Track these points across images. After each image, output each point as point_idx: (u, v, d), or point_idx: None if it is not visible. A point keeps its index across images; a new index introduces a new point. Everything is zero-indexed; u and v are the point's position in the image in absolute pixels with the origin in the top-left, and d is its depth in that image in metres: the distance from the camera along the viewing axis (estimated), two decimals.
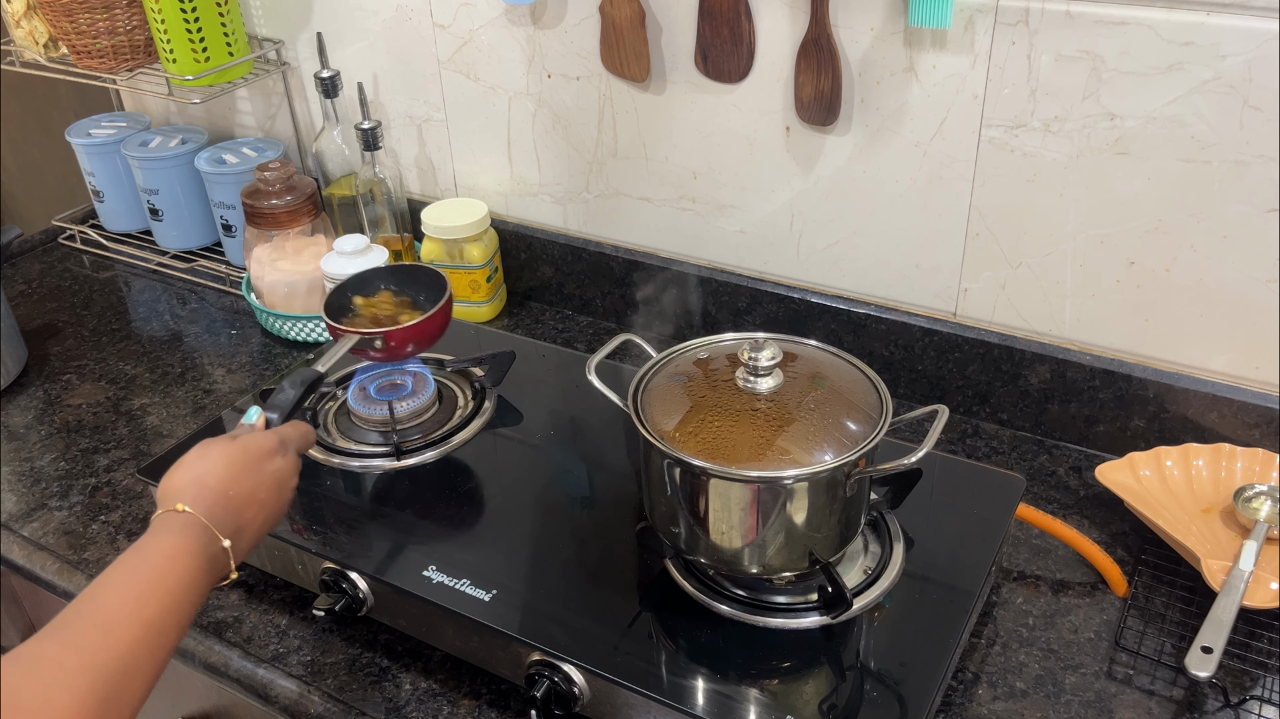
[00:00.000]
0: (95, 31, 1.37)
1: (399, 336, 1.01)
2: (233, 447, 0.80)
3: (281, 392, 0.90)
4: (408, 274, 1.11)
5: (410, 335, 1.02)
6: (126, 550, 0.72)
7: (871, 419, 0.81)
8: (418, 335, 1.03)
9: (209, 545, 0.74)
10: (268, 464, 0.81)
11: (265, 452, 0.82)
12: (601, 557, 0.92)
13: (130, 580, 0.70)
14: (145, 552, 0.72)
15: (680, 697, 0.77)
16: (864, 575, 0.87)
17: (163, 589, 0.70)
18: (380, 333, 1.00)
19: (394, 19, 1.35)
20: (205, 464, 0.79)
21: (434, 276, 1.09)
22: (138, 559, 0.72)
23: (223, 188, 1.47)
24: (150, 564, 0.71)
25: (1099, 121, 0.98)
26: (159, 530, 0.74)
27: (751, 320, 1.26)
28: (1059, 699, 0.85)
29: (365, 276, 1.10)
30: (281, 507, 0.83)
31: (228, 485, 0.78)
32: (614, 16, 1.16)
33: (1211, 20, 0.90)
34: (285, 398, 0.89)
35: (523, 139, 1.33)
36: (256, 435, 0.83)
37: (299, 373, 0.92)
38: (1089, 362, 1.07)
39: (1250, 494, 0.97)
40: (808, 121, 1.12)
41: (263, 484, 0.80)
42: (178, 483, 0.78)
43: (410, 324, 1.02)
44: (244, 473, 0.79)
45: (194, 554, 0.73)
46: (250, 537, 0.79)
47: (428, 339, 1.05)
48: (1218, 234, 0.98)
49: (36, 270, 1.59)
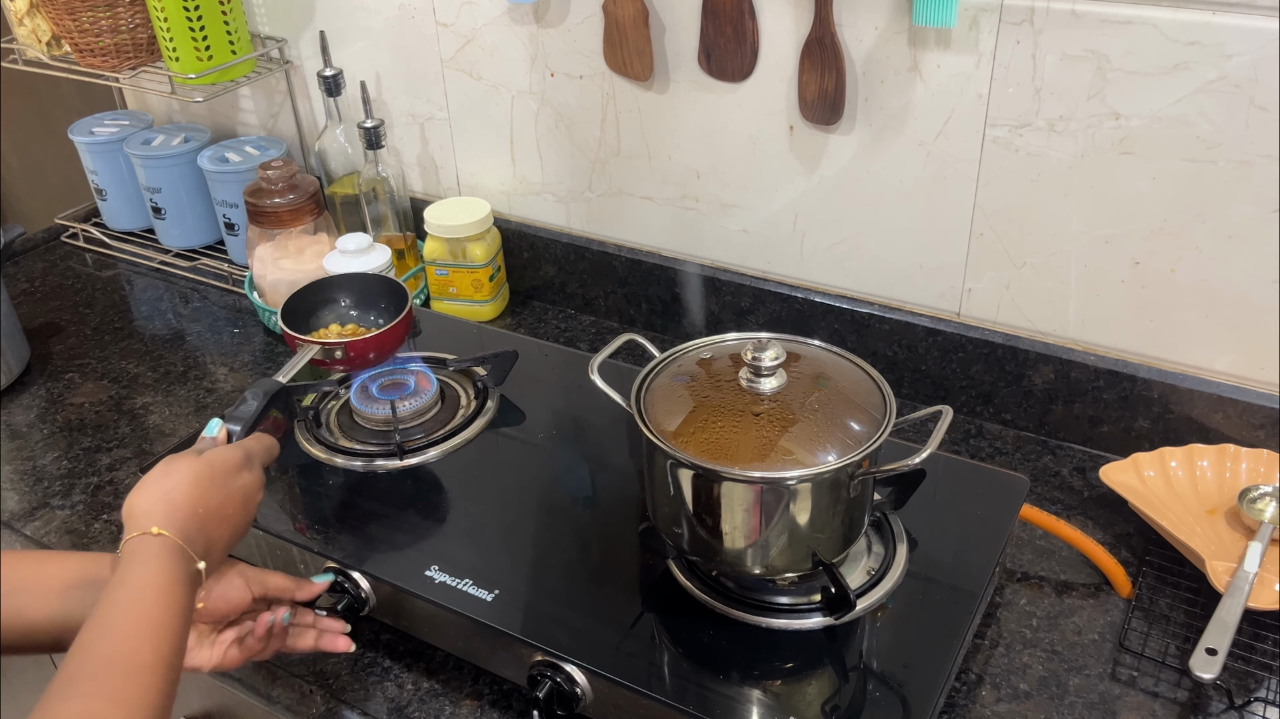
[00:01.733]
0: (98, 29, 1.37)
1: (359, 348, 1.01)
2: (198, 463, 0.79)
3: (243, 403, 0.88)
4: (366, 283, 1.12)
5: (371, 346, 1.02)
6: (114, 583, 0.70)
7: (875, 420, 0.81)
8: (378, 346, 1.03)
9: (188, 568, 0.73)
10: (234, 479, 0.80)
11: (231, 466, 0.80)
12: (604, 557, 0.92)
13: (140, 621, 0.68)
14: (140, 587, 0.70)
15: (683, 697, 0.77)
16: (867, 576, 0.87)
17: (170, 627, 0.69)
18: (341, 343, 1.01)
19: (397, 17, 1.34)
20: (171, 482, 0.77)
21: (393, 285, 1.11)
22: (135, 596, 0.70)
23: (225, 186, 1.47)
24: (152, 601, 0.69)
25: (1104, 121, 0.98)
26: (141, 560, 0.72)
27: (754, 320, 1.26)
28: (1063, 701, 0.85)
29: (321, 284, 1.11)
30: (247, 521, 0.82)
31: (196, 503, 0.76)
32: (617, 15, 1.16)
33: (1217, 19, 0.89)
34: (247, 410, 0.88)
35: (525, 138, 1.33)
36: (221, 450, 0.82)
37: (260, 384, 0.91)
38: (1093, 362, 1.07)
39: (1255, 495, 0.96)
40: (811, 121, 1.12)
41: (230, 500, 0.79)
42: (145, 503, 0.75)
43: (371, 335, 1.03)
44: (211, 489, 0.78)
45: (180, 582, 0.72)
46: (219, 554, 0.78)
47: (389, 348, 1.05)
48: (1223, 234, 0.97)
49: (39, 269, 1.59)
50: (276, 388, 0.91)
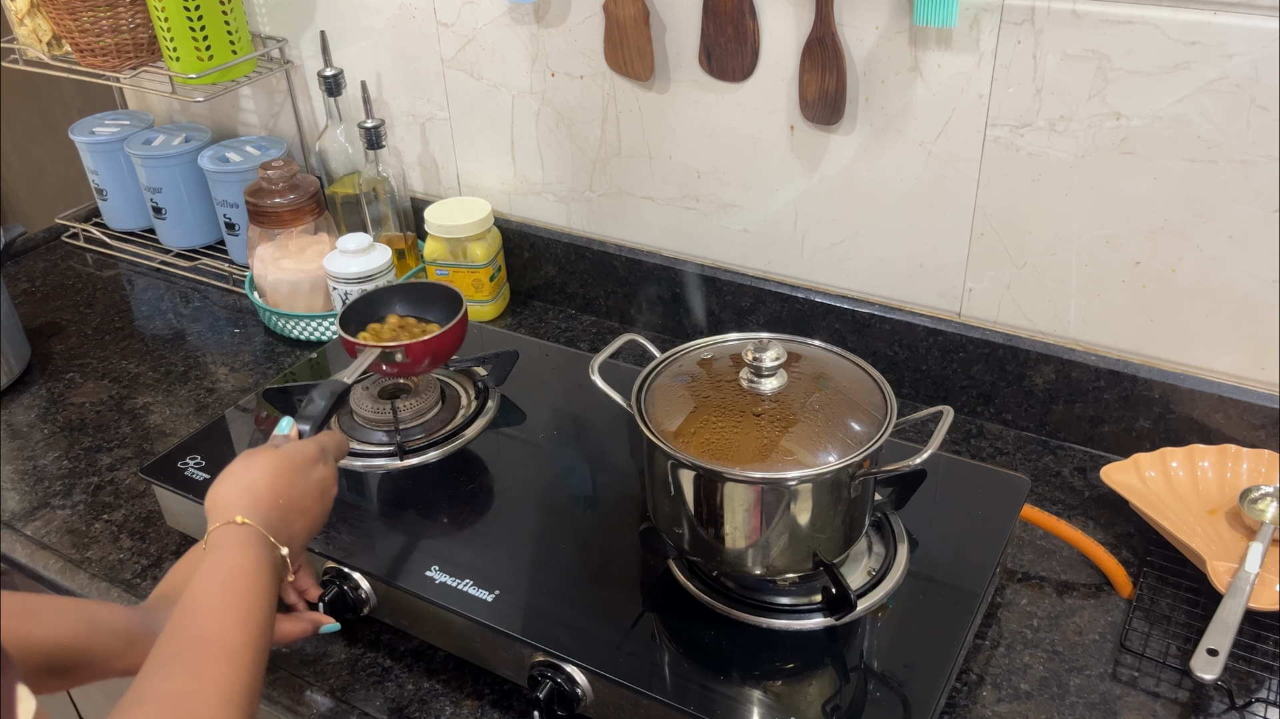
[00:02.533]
0: (99, 29, 1.37)
1: (417, 351, 1.03)
2: (277, 455, 0.81)
3: (311, 403, 0.91)
4: (419, 292, 1.13)
5: (428, 349, 1.03)
6: (203, 569, 0.72)
7: (876, 420, 0.81)
8: (435, 349, 1.04)
9: (272, 555, 0.75)
10: (312, 472, 0.82)
11: (308, 459, 0.82)
12: (604, 557, 0.92)
13: (229, 603, 0.70)
14: (227, 570, 0.72)
15: (683, 698, 0.77)
16: (868, 576, 0.87)
17: (258, 609, 0.71)
18: (400, 346, 1.02)
19: (397, 17, 1.34)
20: (253, 474, 0.79)
21: (446, 291, 1.11)
22: (223, 578, 0.71)
23: (226, 186, 1.47)
24: (242, 584, 0.71)
25: (1104, 121, 0.97)
26: (227, 546, 0.74)
27: (755, 320, 1.26)
28: (1063, 701, 0.85)
29: (376, 296, 1.12)
30: (325, 513, 0.83)
31: (278, 494, 0.78)
32: (618, 15, 1.16)
33: (1218, 19, 0.89)
34: (316, 409, 0.90)
35: (526, 138, 1.33)
36: (299, 444, 0.83)
37: (327, 384, 0.93)
38: (1094, 362, 1.07)
39: (1256, 495, 0.96)
40: (812, 121, 1.12)
41: (309, 492, 0.81)
42: (228, 494, 0.77)
43: (428, 338, 1.03)
44: (291, 481, 0.80)
45: (266, 568, 0.73)
46: (300, 544, 0.80)
47: (445, 352, 1.06)
48: (1223, 234, 0.97)
49: (40, 269, 1.59)
50: (343, 387, 0.94)
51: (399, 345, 1.02)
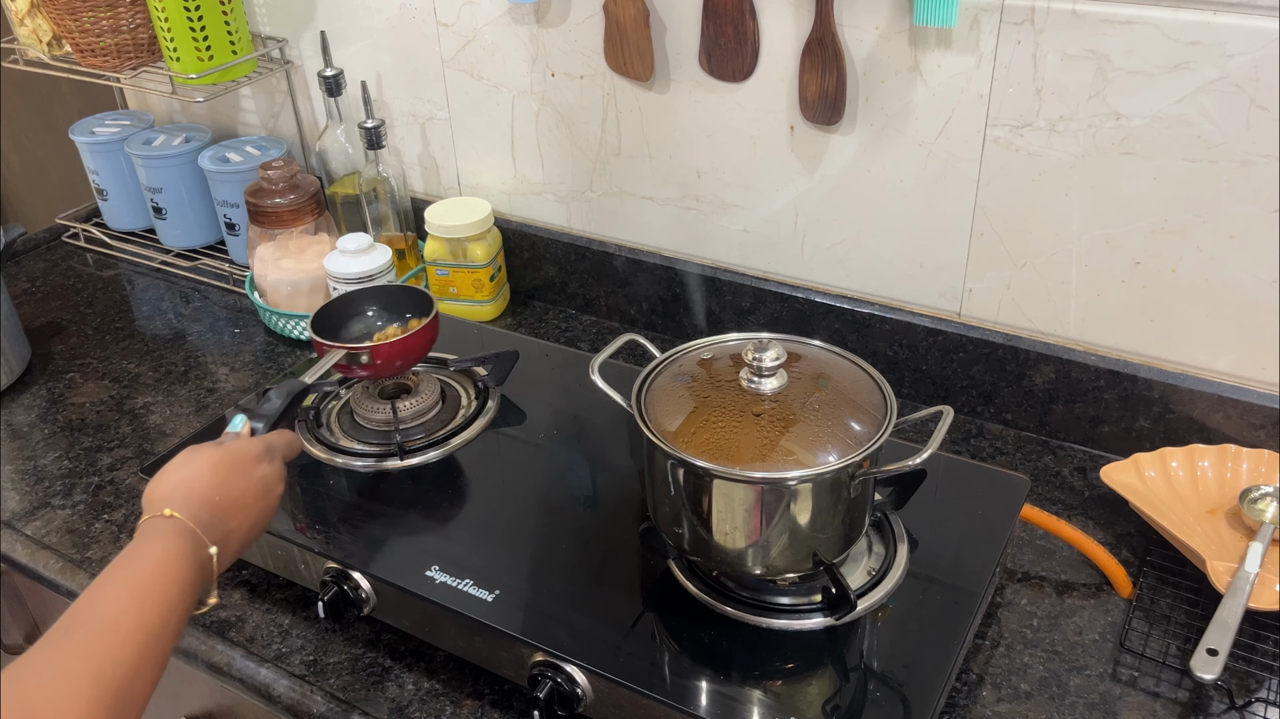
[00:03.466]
0: (99, 29, 1.37)
1: (384, 352, 1.02)
2: (219, 452, 0.80)
3: (267, 401, 0.90)
4: (393, 295, 1.13)
5: (395, 351, 1.03)
6: (118, 557, 0.72)
7: (876, 420, 0.81)
8: (404, 351, 1.04)
9: (197, 551, 0.74)
10: (254, 469, 0.81)
11: (251, 457, 0.81)
12: (604, 557, 0.92)
13: (128, 587, 0.70)
14: (139, 558, 0.72)
15: (683, 698, 0.77)
16: (868, 576, 0.87)
17: (161, 595, 0.70)
18: (366, 348, 1.02)
19: (397, 17, 1.34)
20: (191, 469, 0.78)
21: (418, 294, 1.11)
22: (132, 565, 0.71)
23: (226, 186, 1.47)
24: (147, 570, 0.71)
25: (1104, 121, 0.97)
26: (149, 535, 0.74)
27: (755, 320, 1.26)
28: (1063, 701, 0.85)
29: (351, 298, 1.12)
30: (268, 513, 0.82)
31: (214, 490, 0.77)
32: (618, 15, 1.16)
33: (1218, 19, 0.89)
34: (270, 407, 0.89)
35: (526, 138, 1.33)
36: (243, 441, 0.83)
37: (285, 384, 0.93)
38: (1094, 362, 1.07)
39: (1256, 495, 0.96)
40: (812, 121, 1.12)
41: (249, 490, 0.80)
42: (164, 488, 0.77)
43: (395, 339, 1.03)
44: (231, 478, 0.79)
45: (185, 559, 0.72)
46: (236, 543, 0.79)
47: (414, 355, 1.06)
48: (1223, 234, 0.97)
49: (40, 269, 1.59)
50: (300, 387, 0.93)
51: (365, 348, 1.02)
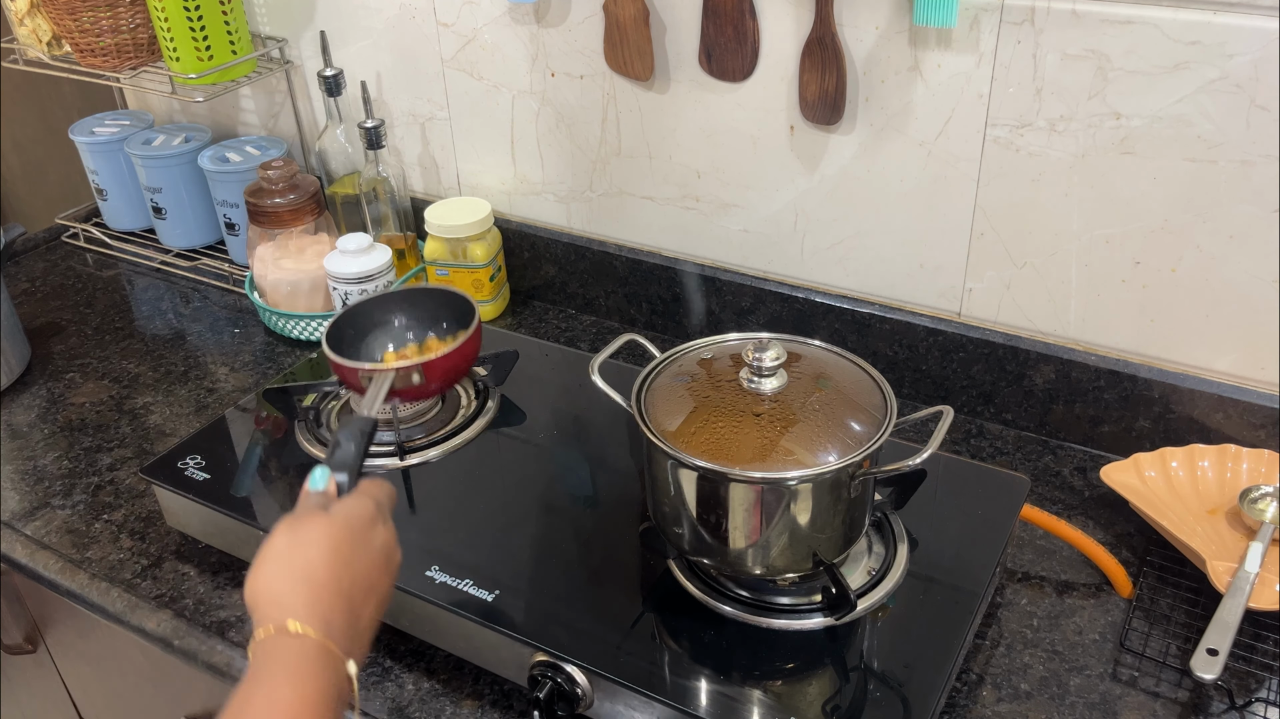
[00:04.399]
0: (98, 29, 1.37)
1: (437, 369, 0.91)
2: (333, 525, 0.65)
3: (339, 447, 0.76)
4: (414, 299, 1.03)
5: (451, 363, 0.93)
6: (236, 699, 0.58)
7: (876, 420, 0.81)
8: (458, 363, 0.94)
9: (336, 675, 0.60)
10: (373, 537, 0.67)
11: (365, 521, 0.68)
12: (604, 557, 0.92)
13: None
14: (282, 704, 0.57)
15: (683, 698, 0.77)
16: (868, 576, 0.87)
17: None
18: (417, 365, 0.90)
19: (397, 17, 1.34)
20: (307, 554, 0.63)
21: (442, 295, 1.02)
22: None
23: (226, 186, 1.47)
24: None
25: (1104, 121, 0.97)
26: (278, 673, 0.58)
27: (755, 320, 1.26)
28: (1063, 701, 0.85)
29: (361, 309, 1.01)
30: (392, 585, 0.70)
31: (339, 577, 0.63)
32: (618, 15, 1.16)
33: (1218, 19, 0.89)
34: (348, 453, 0.76)
35: (526, 138, 1.33)
36: (351, 504, 0.69)
37: (353, 423, 0.78)
38: (1094, 362, 1.07)
39: (1256, 495, 0.96)
40: (812, 120, 1.12)
41: (374, 565, 0.67)
42: (279, 586, 0.62)
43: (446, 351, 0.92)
44: (354, 557, 0.65)
45: (323, 697, 0.58)
46: (369, 638, 0.66)
47: (466, 365, 0.96)
48: (1223, 234, 0.97)
49: (40, 269, 1.59)
50: (371, 425, 0.80)
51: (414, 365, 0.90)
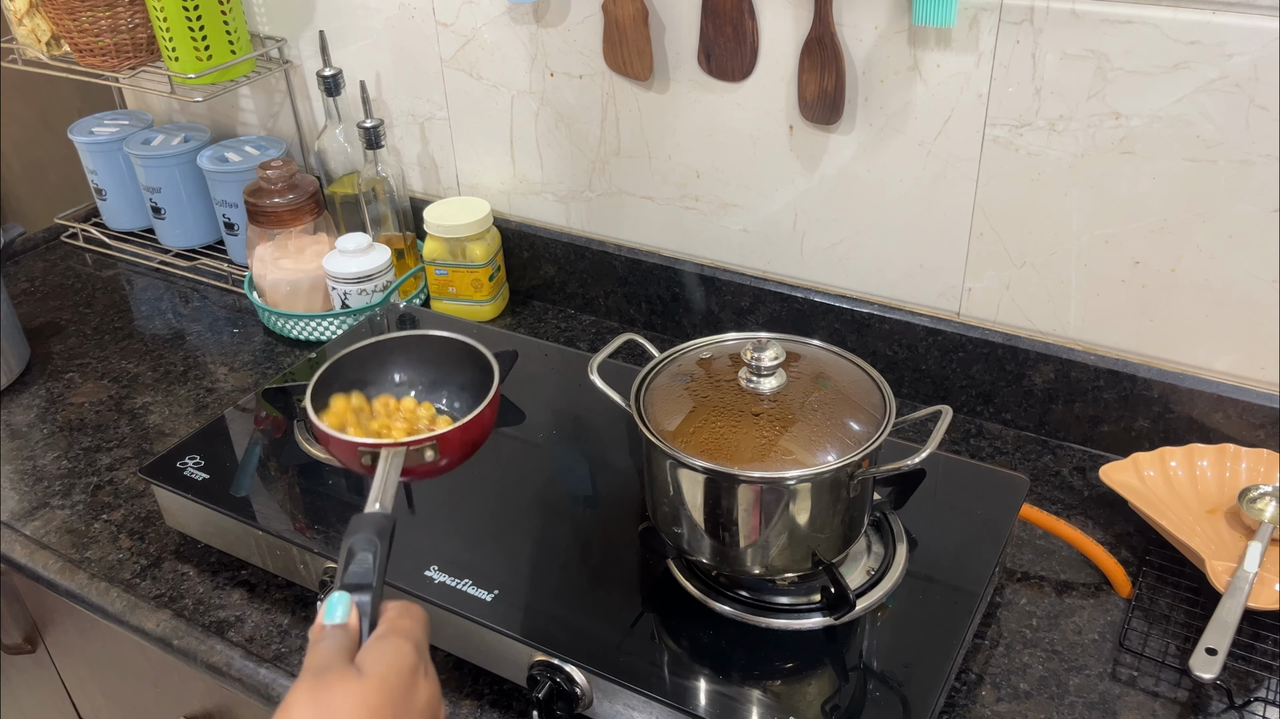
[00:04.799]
0: (97, 29, 1.37)
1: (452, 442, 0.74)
2: (366, 690, 0.54)
3: (354, 560, 0.62)
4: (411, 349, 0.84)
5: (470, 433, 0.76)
6: None
7: (875, 419, 0.81)
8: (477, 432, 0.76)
9: None
10: (416, 698, 0.57)
11: (407, 676, 0.57)
12: (604, 557, 0.92)
13: None
14: None
15: (683, 697, 0.77)
16: (867, 576, 0.87)
17: None
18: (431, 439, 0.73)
19: (397, 17, 1.34)
20: None
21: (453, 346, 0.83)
22: None
23: (225, 186, 1.47)
24: None
25: (1104, 121, 0.97)
26: None
27: (754, 320, 1.26)
28: (1063, 701, 0.85)
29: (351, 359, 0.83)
30: None
31: None
32: (617, 15, 1.16)
33: (1217, 19, 0.89)
34: (366, 569, 0.61)
35: (525, 137, 1.33)
36: (387, 654, 0.57)
37: (365, 524, 0.63)
38: (1093, 362, 1.07)
39: (1255, 495, 0.96)
40: (811, 120, 1.12)
41: None
42: None
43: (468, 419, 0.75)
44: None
45: None
46: None
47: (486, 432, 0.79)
48: (1223, 234, 0.97)
49: (39, 268, 1.59)
50: (389, 524, 0.64)
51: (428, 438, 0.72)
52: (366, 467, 0.74)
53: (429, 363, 0.85)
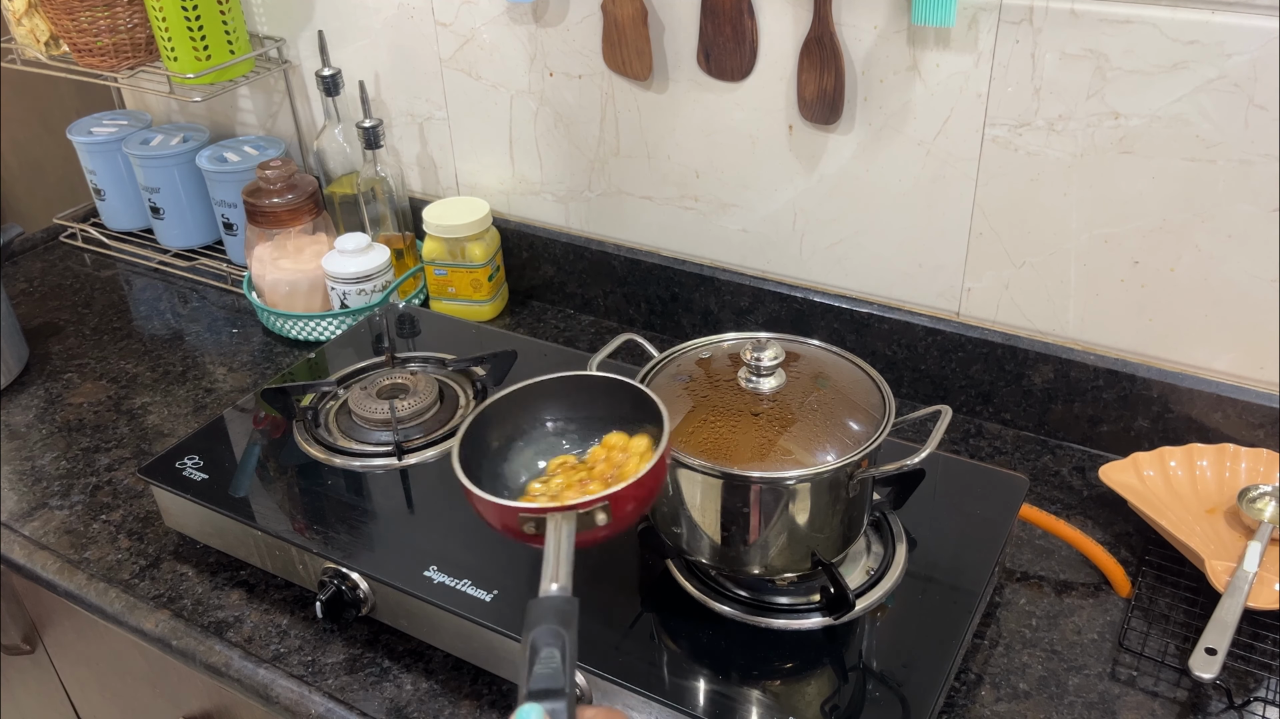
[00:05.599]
0: (96, 29, 1.37)
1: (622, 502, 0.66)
2: None
3: (540, 659, 0.55)
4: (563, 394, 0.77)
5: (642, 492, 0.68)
6: None
7: (874, 419, 0.81)
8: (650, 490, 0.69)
9: None
10: None
11: None
12: (603, 557, 0.92)
13: None
14: None
15: (682, 698, 0.77)
16: (866, 576, 0.87)
17: None
18: (603, 499, 0.65)
19: (396, 17, 1.34)
20: None
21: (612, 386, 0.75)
22: None
23: (224, 186, 1.47)
24: None
25: (1103, 120, 0.97)
26: None
27: (754, 320, 1.26)
28: (1062, 700, 0.85)
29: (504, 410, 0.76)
30: None
31: None
32: (616, 14, 1.16)
33: (1216, 19, 0.89)
34: (555, 670, 0.55)
35: (524, 137, 1.33)
36: None
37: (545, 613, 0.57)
38: (1093, 361, 1.07)
39: (1254, 495, 0.96)
40: (810, 120, 1.12)
41: None
42: None
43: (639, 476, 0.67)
44: None
45: None
46: None
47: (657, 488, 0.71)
48: (1222, 233, 0.97)
49: (38, 269, 1.59)
50: (572, 611, 0.59)
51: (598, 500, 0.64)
52: (527, 535, 0.67)
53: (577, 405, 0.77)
